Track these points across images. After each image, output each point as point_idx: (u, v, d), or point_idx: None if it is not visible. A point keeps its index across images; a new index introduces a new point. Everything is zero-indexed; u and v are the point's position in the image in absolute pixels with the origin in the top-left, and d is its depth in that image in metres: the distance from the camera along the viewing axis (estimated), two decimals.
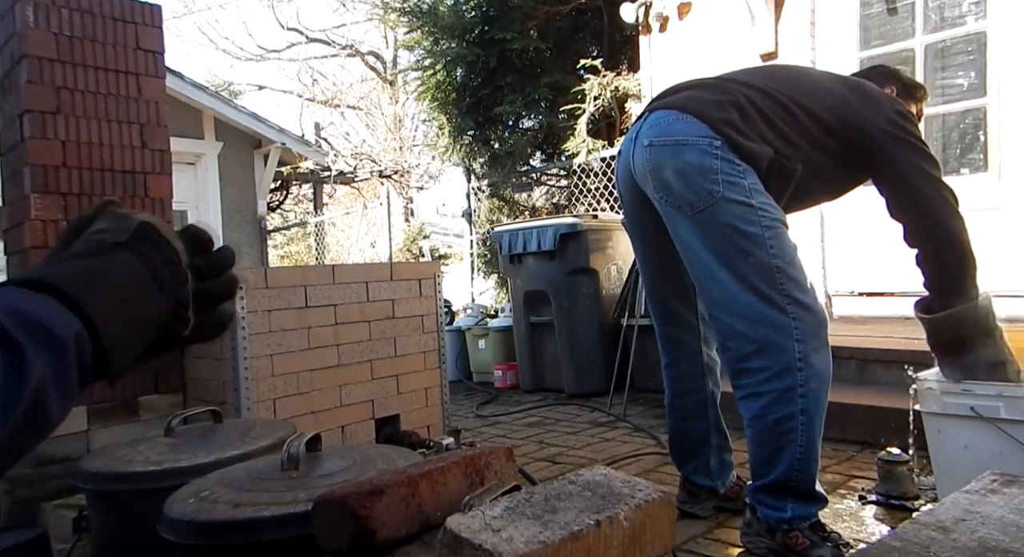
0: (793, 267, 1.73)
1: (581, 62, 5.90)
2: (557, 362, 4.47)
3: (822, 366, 1.72)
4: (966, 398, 1.89)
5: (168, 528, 1.29)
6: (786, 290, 1.71)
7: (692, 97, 1.85)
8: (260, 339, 2.51)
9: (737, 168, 1.73)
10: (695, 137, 1.76)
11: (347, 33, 24.73)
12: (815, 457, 1.73)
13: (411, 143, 16.01)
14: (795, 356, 1.69)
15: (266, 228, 8.92)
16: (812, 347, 1.70)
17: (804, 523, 1.75)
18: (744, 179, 1.73)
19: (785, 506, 1.75)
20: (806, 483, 1.74)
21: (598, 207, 5.89)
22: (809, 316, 1.71)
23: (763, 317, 1.71)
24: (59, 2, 2.59)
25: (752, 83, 1.88)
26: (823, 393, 1.73)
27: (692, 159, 1.75)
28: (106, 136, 2.68)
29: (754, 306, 1.72)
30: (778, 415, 1.71)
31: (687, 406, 2.12)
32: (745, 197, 1.72)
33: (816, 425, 1.72)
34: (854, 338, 3.37)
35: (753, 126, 1.78)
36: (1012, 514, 1.00)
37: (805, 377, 1.69)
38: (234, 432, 1.85)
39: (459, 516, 0.94)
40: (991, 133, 3.64)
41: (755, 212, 1.72)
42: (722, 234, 1.74)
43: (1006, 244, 3.53)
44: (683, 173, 1.76)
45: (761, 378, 1.73)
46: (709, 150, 1.73)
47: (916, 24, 3.88)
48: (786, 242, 1.75)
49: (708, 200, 1.73)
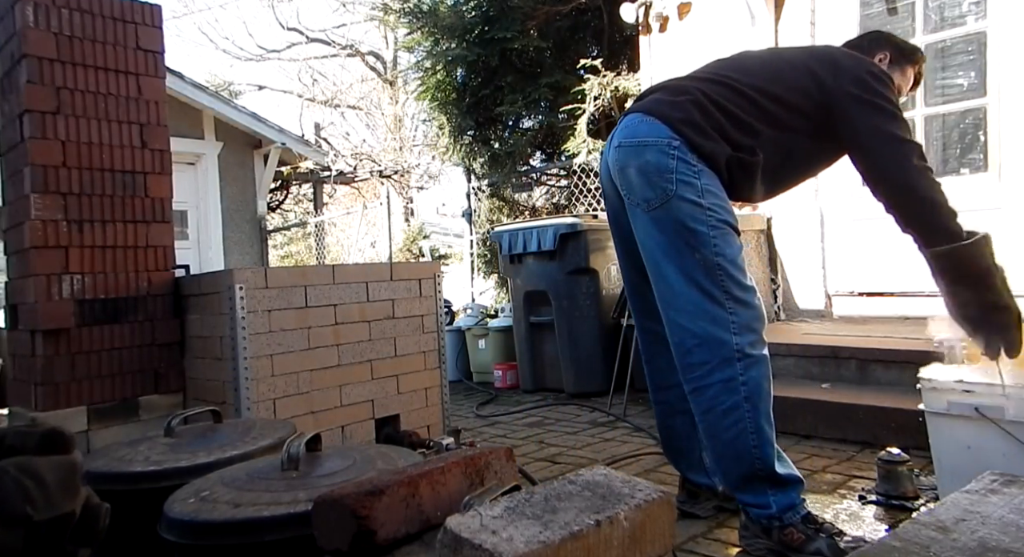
0: (734, 266, 1.81)
1: (581, 62, 5.89)
2: (557, 362, 4.47)
3: (758, 357, 1.80)
4: (970, 398, 1.89)
5: (168, 528, 1.29)
6: (725, 286, 1.79)
7: (656, 100, 1.93)
8: (260, 339, 2.51)
9: (693, 168, 1.81)
10: (655, 138, 1.84)
11: (347, 33, 24.71)
12: (768, 441, 1.79)
13: (411, 143, 16.01)
14: (733, 348, 1.77)
15: (266, 228, 8.92)
16: (748, 340, 1.79)
17: (795, 517, 1.78)
18: (698, 179, 1.81)
19: (767, 500, 1.80)
20: (770, 470, 1.79)
21: (598, 207, 5.88)
22: (746, 310, 1.80)
23: (704, 312, 1.80)
24: (59, 2, 2.59)
25: (715, 77, 1.92)
26: (764, 381, 1.81)
27: (651, 158, 1.83)
28: (106, 136, 2.68)
29: (696, 301, 1.81)
30: (724, 406, 1.79)
31: (669, 401, 2.12)
32: (697, 197, 1.80)
33: (761, 411, 1.79)
34: (854, 338, 3.37)
35: (712, 121, 1.84)
36: (1012, 514, 0.99)
37: (744, 366, 1.77)
38: (234, 432, 1.85)
39: (459, 516, 0.94)
40: (991, 133, 3.64)
41: (704, 212, 1.80)
42: (673, 231, 1.82)
43: (1006, 244, 3.52)
44: (643, 171, 1.84)
45: (703, 371, 1.81)
46: (667, 150, 1.81)
47: (916, 24, 3.88)
48: (730, 243, 1.83)
49: (663, 198, 1.82)
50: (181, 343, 2.83)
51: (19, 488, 0.60)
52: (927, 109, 3.85)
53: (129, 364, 2.70)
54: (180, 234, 7.70)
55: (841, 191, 4.01)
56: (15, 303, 2.71)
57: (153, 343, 2.76)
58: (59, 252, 2.55)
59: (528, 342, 4.67)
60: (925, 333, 2.18)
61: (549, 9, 6.29)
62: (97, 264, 2.64)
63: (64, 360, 2.55)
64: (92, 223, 2.63)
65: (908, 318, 3.75)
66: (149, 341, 2.75)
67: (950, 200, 1.83)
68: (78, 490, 0.63)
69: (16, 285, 2.70)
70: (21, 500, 0.60)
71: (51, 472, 0.64)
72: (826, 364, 3.22)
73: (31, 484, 0.61)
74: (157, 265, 2.79)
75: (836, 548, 1.73)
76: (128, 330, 2.70)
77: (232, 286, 2.45)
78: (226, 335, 2.50)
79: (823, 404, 2.93)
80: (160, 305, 2.78)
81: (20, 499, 0.60)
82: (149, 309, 2.75)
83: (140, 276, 2.74)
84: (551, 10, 6.31)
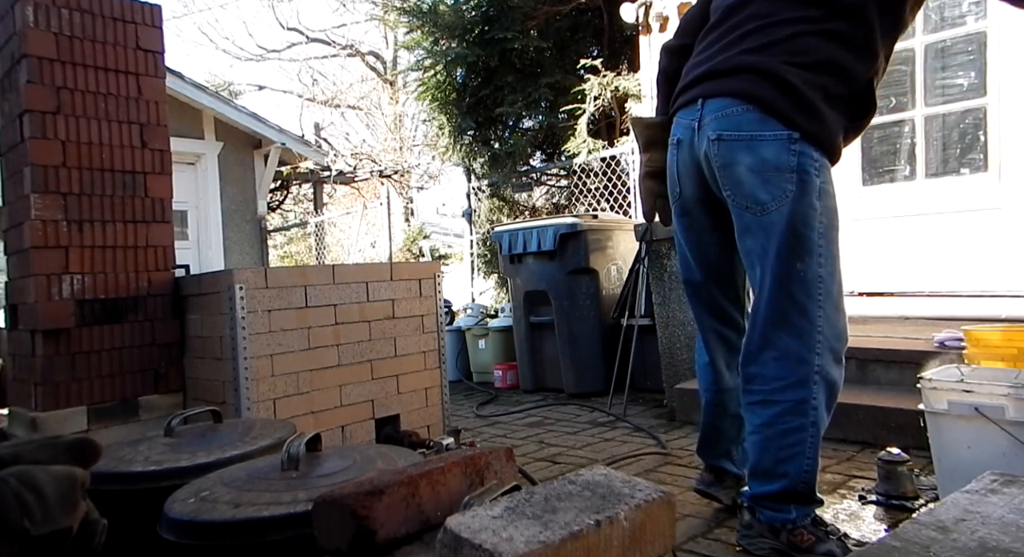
0: (833, 281, 1.71)
1: (581, 62, 5.90)
2: (557, 362, 4.47)
3: (835, 381, 1.73)
4: (970, 398, 1.89)
5: (168, 528, 1.29)
6: (821, 302, 1.69)
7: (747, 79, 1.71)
8: (260, 339, 2.51)
9: (815, 163, 1.66)
10: (772, 133, 1.67)
11: (347, 33, 24.75)
12: (818, 466, 1.75)
13: (411, 143, 16.01)
14: (813, 369, 1.68)
15: (266, 228, 8.92)
16: (829, 361, 1.70)
17: (806, 520, 1.75)
18: (819, 177, 1.67)
19: (789, 508, 1.75)
20: (810, 491, 1.75)
21: (598, 207, 5.89)
22: (833, 332, 1.71)
23: (791, 325, 1.69)
24: (59, 2, 2.59)
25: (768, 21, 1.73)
26: (831, 408, 1.74)
27: (769, 156, 1.67)
28: (106, 136, 2.68)
29: (785, 313, 1.70)
30: (788, 426, 1.70)
31: (724, 403, 2.07)
32: (815, 198, 1.67)
33: (820, 437, 1.73)
34: (854, 338, 3.33)
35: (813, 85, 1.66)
36: (1012, 514, 0.99)
37: (819, 390, 1.69)
38: (234, 432, 1.85)
39: (459, 516, 0.94)
40: (991, 133, 3.64)
41: (817, 216, 1.68)
42: (781, 235, 1.68)
43: (1006, 244, 3.53)
44: (757, 171, 1.68)
45: (777, 386, 1.72)
46: (788, 146, 1.65)
47: (916, 24, 3.88)
48: (835, 252, 1.72)
49: (780, 200, 1.67)
50: (181, 343, 2.83)
51: (19, 501, 0.59)
52: (927, 109, 3.85)
53: (129, 364, 2.70)
54: (180, 234, 7.70)
55: (841, 191, 4.00)
56: (15, 303, 2.71)
57: (153, 343, 2.76)
58: (59, 252, 2.56)
59: (528, 342, 4.67)
60: (925, 333, 2.18)
61: (549, 9, 6.29)
62: (97, 264, 2.64)
63: (64, 360, 2.56)
64: (92, 223, 2.63)
65: (908, 318, 3.75)
66: (149, 341, 2.75)
67: None
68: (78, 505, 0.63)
69: (16, 285, 2.70)
70: (19, 514, 0.59)
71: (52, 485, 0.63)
72: None
73: (31, 498, 0.60)
74: (157, 265, 2.79)
75: (846, 549, 1.70)
76: (128, 330, 2.70)
77: (232, 286, 2.45)
78: (226, 335, 2.50)
79: None
80: (160, 305, 2.78)
81: (19, 512, 0.60)
82: (149, 309, 2.75)
83: (140, 276, 2.74)
84: (551, 10, 6.31)
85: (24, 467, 0.61)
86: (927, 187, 3.84)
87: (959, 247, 3.67)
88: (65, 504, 0.65)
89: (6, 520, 0.58)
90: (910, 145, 3.93)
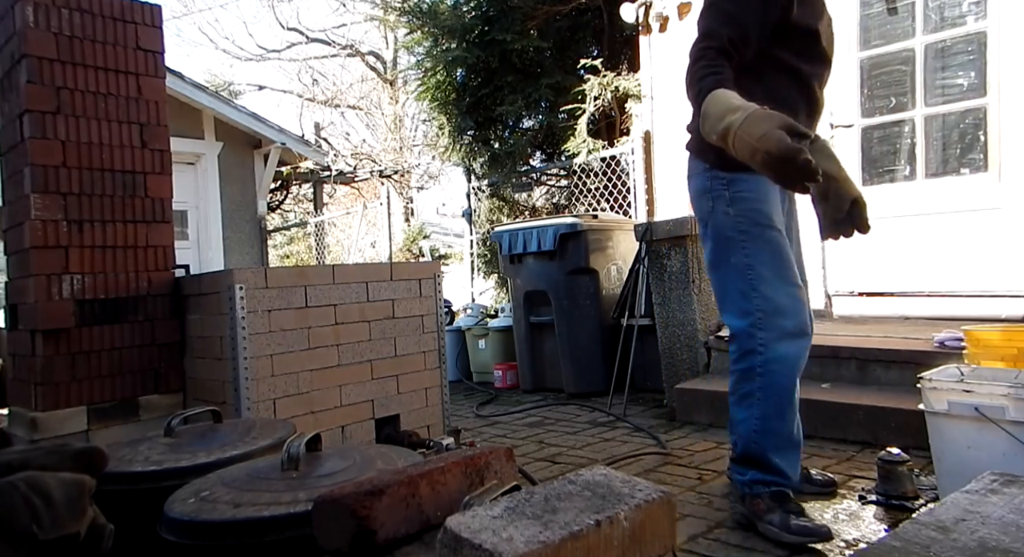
0: (766, 266, 1.98)
1: (581, 62, 5.90)
2: (557, 362, 4.47)
3: (781, 352, 1.97)
4: (970, 398, 1.89)
5: (168, 528, 1.29)
6: (755, 285, 1.98)
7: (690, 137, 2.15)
8: (260, 339, 2.51)
9: (722, 181, 2.02)
10: (694, 169, 2.14)
11: (347, 33, 24.74)
12: (771, 432, 1.99)
13: (411, 143, 16.03)
14: (757, 342, 1.97)
15: (266, 228, 8.92)
16: (774, 335, 1.96)
17: (764, 490, 1.96)
18: (727, 189, 2.02)
19: (745, 471, 2.02)
20: (762, 455, 1.99)
21: (598, 207, 5.89)
22: (773, 308, 1.97)
23: (738, 309, 2.02)
24: (59, 2, 2.59)
25: None
26: (782, 377, 1.98)
27: (694, 185, 2.13)
28: (106, 136, 2.68)
29: (733, 300, 2.04)
30: (741, 391, 2.03)
31: None
32: (727, 206, 2.02)
33: (771, 404, 1.98)
34: (854, 338, 3.37)
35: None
36: (1012, 514, 1.00)
37: (763, 360, 1.96)
38: (234, 432, 1.85)
39: (459, 516, 0.94)
40: (991, 133, 3.64)
41: (733, 219, 2.01)
42: (713, 240, 2.08)
43: (1006, 244, 3.53)
44: (694, 197, 2.14)
45: (733, 359, 2.05)
46: (704, 174, 2.08)
47: (916, 24, 3.88)
48: (764, 244, 1.99)
49: (707, 215, 2.09)
50: (181, 343, 2.83)
51: (27, 506, 0.59)
52: (927, 109, 3.85)
53: (129, 364, 2.70)
54: (180, 234, 7.70)
55: None
56: (15, 303, 2.71)
57: (153, 343, 2.76)
58: (59, 252, 2.56)
59: (528, 342, 4.67)
60: (925, 333, 2.19)
61: (549, 9, 6.29)
62: (97, 264, 2.64)
63: (64, 360, 2.56)
64: (92, 223, 2.63)
65: (908, 318, 3.76)
66: (149, 341, 2.75)
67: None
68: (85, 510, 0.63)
69: (16, 285, 2.70)
70: (28, 518, 0.60)
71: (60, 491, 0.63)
72: (826, 364, 3.22)
73: (39, 502, 0.60)
74: (157, 265, 2.79)
75: (787, 524, 1.89)
76: (128, 330, 2.70)
77: (232, 286, 2.45)
78: (226, 335, 2.50)
79: (823, 404, 2.93)
80: (160, 305, 2.78)
81: (27, 517, 0.60)
82: (149, 309, 2.75)
83: (140, 276, 2.74)
84: (551, 10, 6.31)
85: (33, 472, 0.61)
86: (927, 187, 3.84)
87: (959, 247, 3.67)
88: (73, 509, 0.65)
89: (15, 524, 0.58)
90: (910, 145, 3.93)
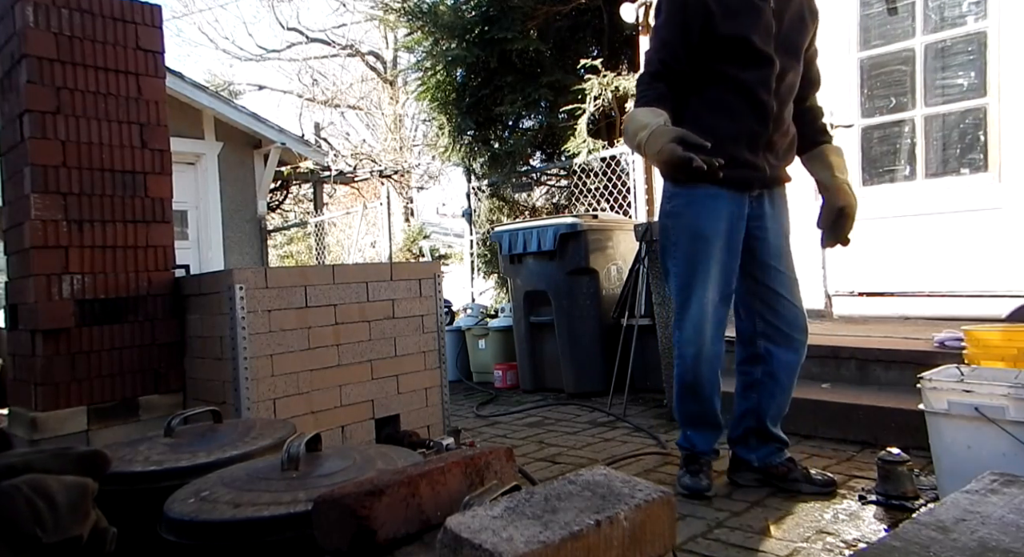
0: (687, 272, 2.29)
1: (581, 62, 5.89)
2: (557, 362, 4.47)
3: (680, 351, 2.37)
4: (970, 398, 1.89)
5: (168, 528, 1.29)
6: (678, 289, 2.34)
7: None
8: (260, 339, 2.51)
9: (668, 198, 2.35)
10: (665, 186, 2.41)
11: (347, 33, 24.67)
12: (682, 411, 2.43)
13: (411, 143, 16.03)
14: (675, 337, 2.39)
15: (266, 228, 8.92)
16: (681, 336, 2.36)
17: (683, 452, 2.44)
18: (669, 203, 2.34)
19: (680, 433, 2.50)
20: (681, 425, 2.47)
21: (598, 207, 5.88)
22: (683, 308, 2.33)
23: (673, 305, 2.41)
24: (59, 2, 2.59)
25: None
26: (682, 370, 2.37)
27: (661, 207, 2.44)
28: (106, 136, 2.68)
29: (670, 298, 2.49)
30: (675, 372, 2.44)
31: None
32: (664, 217, 2.37)
33: (678, 389, 2.40)
34: (854, 338, 3.37)
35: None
36: (1012, 514, 1.00)
37: (676, 354, 2.39)
38: (234, 432, 1.85)
39: (459, 516, 0.94)
40: (991, 133, 3.64)
41: (669, 229, 2.35)
42: (659, 247, 2.45)
43: (1006, 244, 3.53)
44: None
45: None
46: (665, 195, 2.38)
47: (916, 24, 3.88)
48: (690, 255, 2.28)
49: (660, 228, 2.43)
50: (181, 343, 2.83)
51: (31, 508, 0.59)
52: (927, 109, 3.85)
53: (129, 364, 2.70)
54: (180, 234, 7.70)
55: None
56: (15, 303, 2.71)
57: (153, 343, 2.76)
58: (59, 252, 2.56)
59: (528, 342, 4.67)
60: (925, 333, 2.19)
61: (549, 9, 6.29)
62: (97, 264, 2.64)
63: (64, 360, 2.56)
64: (92, 223, 2.63)
65: (908, 318, 3.76)
66: (149, 341, 2.75)
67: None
68: (88, 513, 0.63)
69: (16, 285, 2.70)
70: (32, 521, 0.59)
71: (63, 494, 0.63)
72: (826, 364, 3.22)
73: (43, 506, 0.60)
74: (157, 265, 2.79)
75: (680, 480, 2.36)
76: (128, 330, 2.70)
77: (232, 286, 2.45)
78: (226, 335, 2.50)
79: (823, 404, 2.93)
80: (160, 305, 2.78)
81: (31, 520, 0.59)
82: (149, 309, 2.75)
83: (140, 276, 2.74)
84: (551, 10, 6.31)
85: (36, 475, 0.61)
86: (927, 187, 3.84)
87: (959, 247, 3.67)
88: (76, 513, 0.65)
89: (18, 526, 0.58)
90: (910, 145, 3.93)
